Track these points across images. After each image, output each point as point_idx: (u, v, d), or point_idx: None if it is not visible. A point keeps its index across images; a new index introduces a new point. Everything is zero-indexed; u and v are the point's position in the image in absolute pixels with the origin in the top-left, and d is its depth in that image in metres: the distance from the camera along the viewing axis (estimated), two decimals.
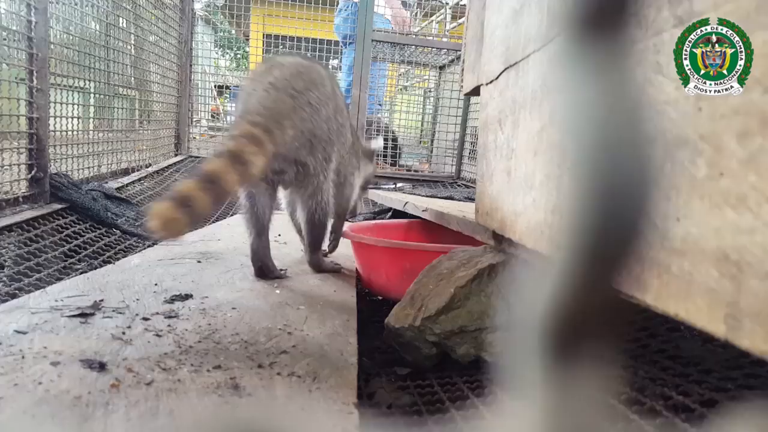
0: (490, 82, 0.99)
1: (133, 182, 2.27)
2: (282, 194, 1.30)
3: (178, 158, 3.03)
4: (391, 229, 1.63)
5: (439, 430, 0.69)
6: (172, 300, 0.92)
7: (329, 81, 1.18)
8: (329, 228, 1.29)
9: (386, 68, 3.84)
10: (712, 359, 0.83)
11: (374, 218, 2.17)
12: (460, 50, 2.34)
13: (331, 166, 1.18)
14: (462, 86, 1.29)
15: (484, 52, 1.04)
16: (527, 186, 0.77)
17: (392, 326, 0.92)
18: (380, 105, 3.82)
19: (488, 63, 1.00)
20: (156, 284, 1.00)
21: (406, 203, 1.66)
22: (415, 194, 2.48)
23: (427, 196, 2.31)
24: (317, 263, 1.25)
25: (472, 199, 1.88)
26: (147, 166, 2.59)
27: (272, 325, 0.83)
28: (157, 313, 0.84)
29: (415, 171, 3.55)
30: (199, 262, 1.23)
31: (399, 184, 3.21)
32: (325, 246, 1.36)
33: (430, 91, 4.17)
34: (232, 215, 2.11)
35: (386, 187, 3.12)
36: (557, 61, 0.16)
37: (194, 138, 3.60)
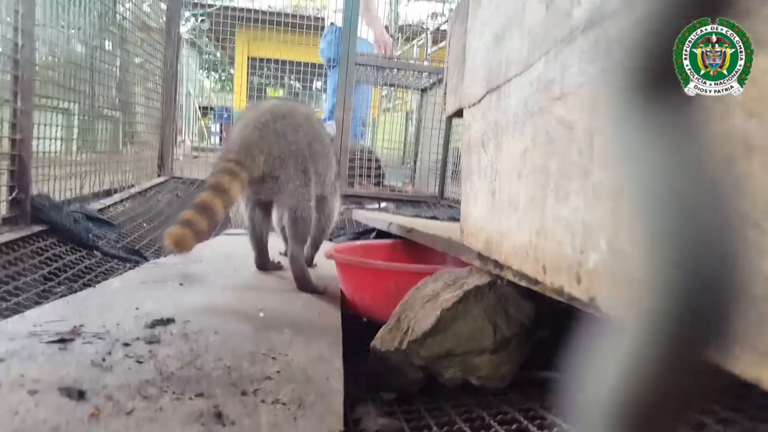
0: (473, 104, 1.00)
1: (115, 203, 2.24)
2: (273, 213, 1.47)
3: (162, 179, 3.00)
4: (376, 250, 1.63)
5: None
6: (153, 324, 0.90)
7: (304, 116, 1.41)
8: (312, 226, 1.40)
9: (370, 90, 3.88)
10: None
11: (358, 239, 2.17)
12: (441, 73, 2.37)
13: (309, 176, 1.35)
14: (444, 108, 1.31)
15: (466, 76, 1.05)
16: (511, 208, 0.77)
17: (378, 349, 0.91)
18: (364, 126, 3.84)
19: (470, 86, 1.02)
20: (137, 308, 0.98)
21: (391, 224, 1.66)
22: (399, 214, 2.48)
23: (411, 216, 2.32)
24: (298, 258, 1.31)
25: (455, 219, 1.88)
26: (130, 187, 2.56)
27: (256, 350, 0.82)
28: (138, 339, 0.82)
29: (399, 191, 3.56)
30: (181, 284, 1.21)
31: (383, 204, 3.21)
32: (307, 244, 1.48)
33: (412, 113, 4.20)
34: (215, 236, 2.09)
35: (370, 207, 3.12)
36: (619, 119, 0.15)
37: (178, 159, 3.58)
